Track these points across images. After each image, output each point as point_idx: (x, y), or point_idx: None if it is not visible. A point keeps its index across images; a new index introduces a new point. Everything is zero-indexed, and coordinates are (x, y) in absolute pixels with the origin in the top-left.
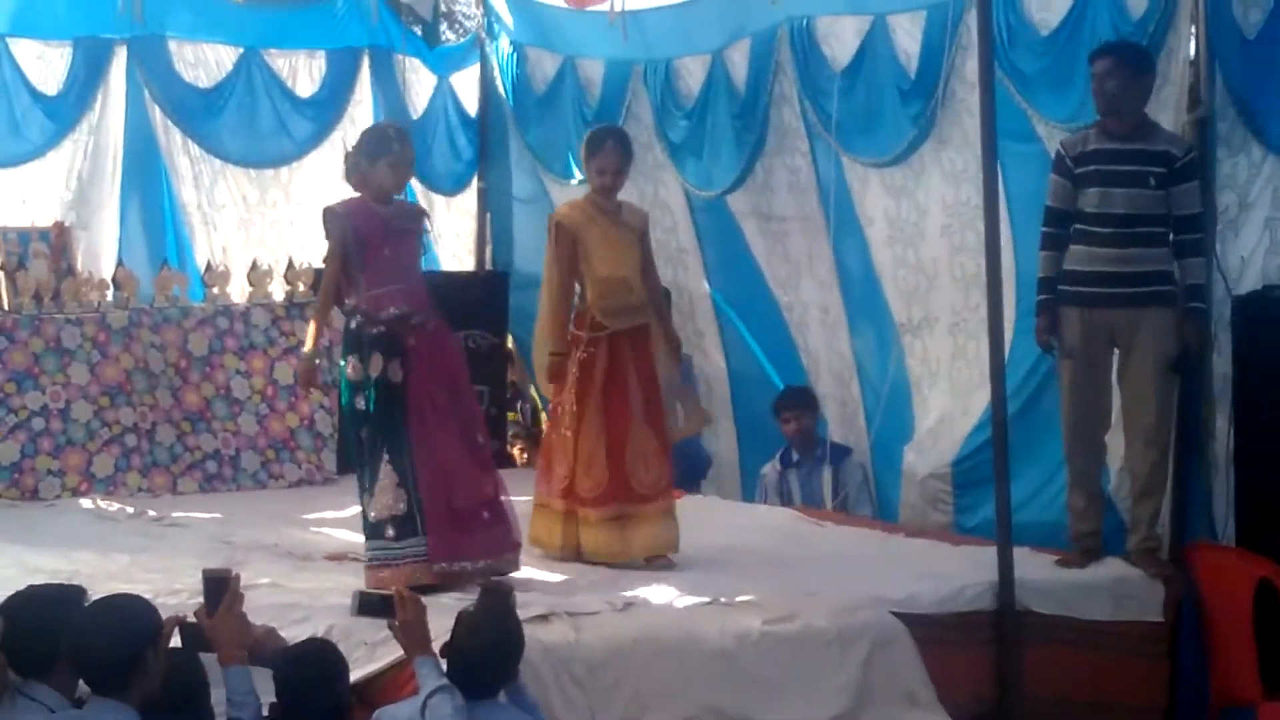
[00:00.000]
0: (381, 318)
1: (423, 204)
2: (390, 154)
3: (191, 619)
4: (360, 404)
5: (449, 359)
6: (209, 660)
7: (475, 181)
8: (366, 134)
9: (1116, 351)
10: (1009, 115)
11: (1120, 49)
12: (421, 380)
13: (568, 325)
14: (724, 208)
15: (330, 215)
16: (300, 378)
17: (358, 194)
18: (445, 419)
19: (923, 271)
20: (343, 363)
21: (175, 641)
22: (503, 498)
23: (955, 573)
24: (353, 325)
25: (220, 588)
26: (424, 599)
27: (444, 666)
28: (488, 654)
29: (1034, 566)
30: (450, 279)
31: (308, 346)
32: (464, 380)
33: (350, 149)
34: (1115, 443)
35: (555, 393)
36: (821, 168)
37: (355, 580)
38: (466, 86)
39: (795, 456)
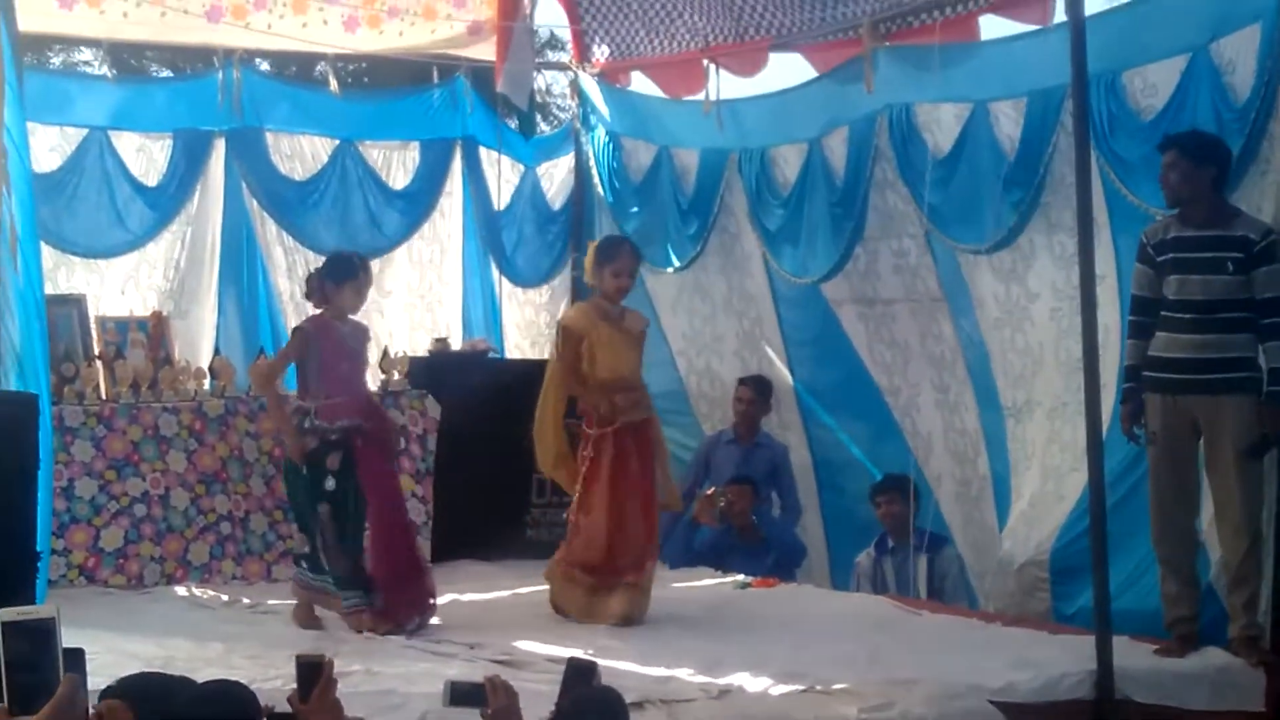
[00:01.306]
0: (335, 428)
1: (502, 294)
2: (355, 280)
3: (283, 709)
4: (295, 478)
5: (384, 453)
6: None
7: (569, 270)
8: (334, 259)
9: (1202, 440)
10: (1120, 201)
11: (1181, 140)
12: (367, 469)
13: (562, 423)
14: (818, 295)
15: (299, 332)
16: (294, 453)
17: (318, 310)
18: (384, 503)
19: (1030, 355)
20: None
21: None
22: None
23: (1053, 661)
24: (306, 425)
25: (313, 673)
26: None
27: None
28: None
29: (1133, 655)
30: (541, 367)
31: (287, 428)
32: (393, 474)
33: (313, 271)
34: (1216, 533)
35: (569, 481)
36: (937, 249)
37: (449, 668)
38: (551, 177)
39: (890, 544)
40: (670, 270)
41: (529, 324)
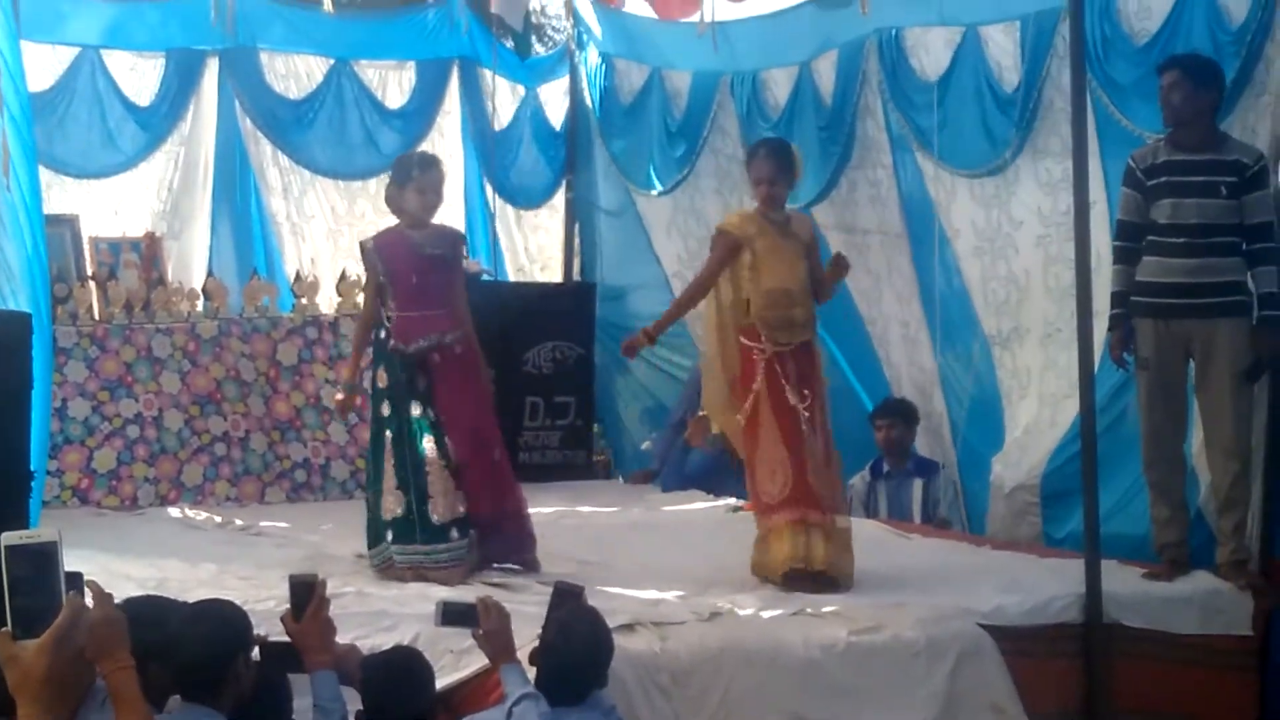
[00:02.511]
0: (410, 350)
1: (500, 214)
2: (411, 180)
3: (274, 639)
4: (384, 411)
5: (472, 379)
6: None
7: (562, 193)
8: (397, 161)
9: (1192, 363)
10: (1112, 125)
11: (1184, 61)
12: (446, 394)
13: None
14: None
15: (363, 250)
16: (336, 406)
17: (396, 220)
18: (466, 433)
19: (1014, 283)
20: (373, 370)
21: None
22: (521, 509)
23: (1043, 585)
24: (382, 337)
25: (306, 592)
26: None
27: (529, 674)
28: (579, 659)
29: (1122, 579)
30: (537, 290)
31: (346, 376)
32: (485, 400)
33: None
34: (1205, 455)
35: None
36: (903, 180)
37: (441, 590)
38: (552, 99)
39: (885, 468)
40: (654, 193)
41: (540, 248)
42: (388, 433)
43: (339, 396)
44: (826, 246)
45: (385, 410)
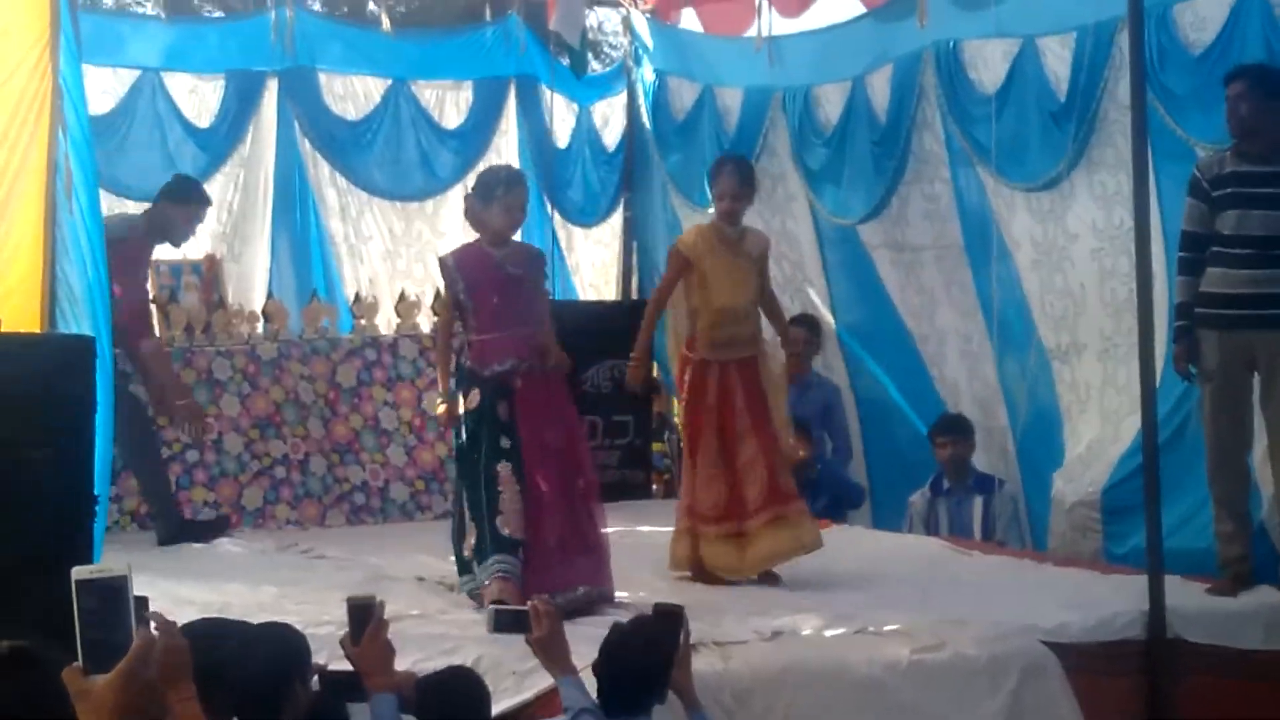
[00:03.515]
0: (486, 375)
1: (561, 234)
2: (497, 198)
3: (333, 668)
4: (460, 434)
5: (557, 401)
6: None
7: (621, 210)
8: (481, 176)
9: (1257, 375)
10: (1164, 137)
11: (1252, 72)
12: (528, 419)
13: (650, 341)
14: (855, 239)
15: (442, 266)
16: (442, 419)
17: (476, 235)
18: (549, 458)
19: (1070, 296)
20: (460, 392)
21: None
22: (601, 534)
23: (1105, 601)
24: (462, 361)
25: (365, 615)
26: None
27: (588, 687)
28: (636, 663)
29: (1185, 595)
30: (593, 309)
31: (441, 388)
32: (571, 420)
33: (467, 193)
34: (1269, 469)
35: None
36: (964, 194)
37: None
38: (609, 116)
39: (946, 485)
40: (710, 211)
41: (603, 264)
42: (468, 465)
43: (441, 408)
44: (873, 264)
45: (464, 437)
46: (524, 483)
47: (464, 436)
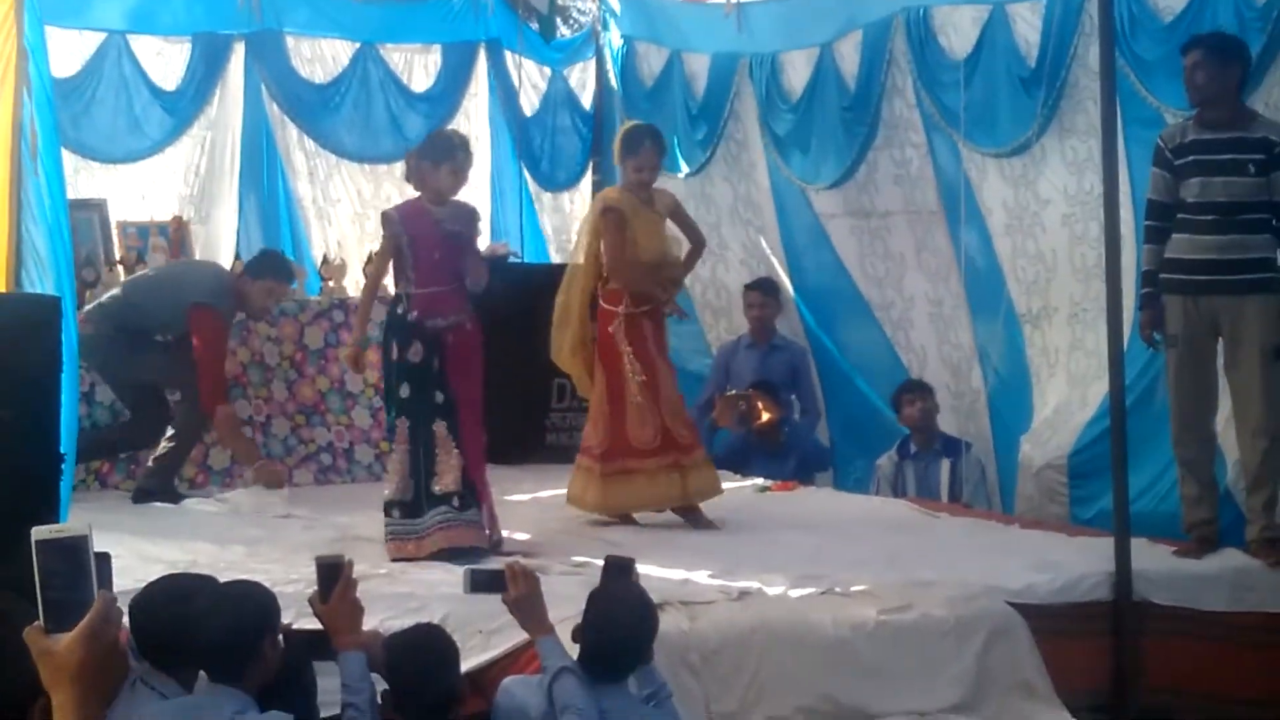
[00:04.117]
0: (429, 326)
1: (535, 195)
2: (453, 160)
3: (298, 626)
4: (404, 393)
5: (477, 357)
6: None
7: (590, 175)
8: (432, 138)
9: (1221, 341)
10: (1135, 103)
11: (1207, 40)
12: (456, 373)
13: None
14: (810, 207)
15: (386, 219)
16: (349, 363)
17: (417, 194)
18: (469, 412)
19: (1042, 261)
20: (386, 344)
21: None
22: (488, 490)
23: (1072, 563)
24: (399, 311)
25: (334, 574)
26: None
27: (570, 649)
28: (622, 637)
29: (1151, 557)
30: (562, 271)
31: (355, 335)
32: (480, 377)
33: (411, 151)
34: (1233, 433)
35: (584, 371)
36: (939, 158)
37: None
38: (582, 81)
39: (913, 448)
40: (680, 175)
41: (558, 229)
42: (405, 419)
43: (348, 353)
44: (826, 234)
45: (405, 392)
46: (458, 438)
47: (402, 387)
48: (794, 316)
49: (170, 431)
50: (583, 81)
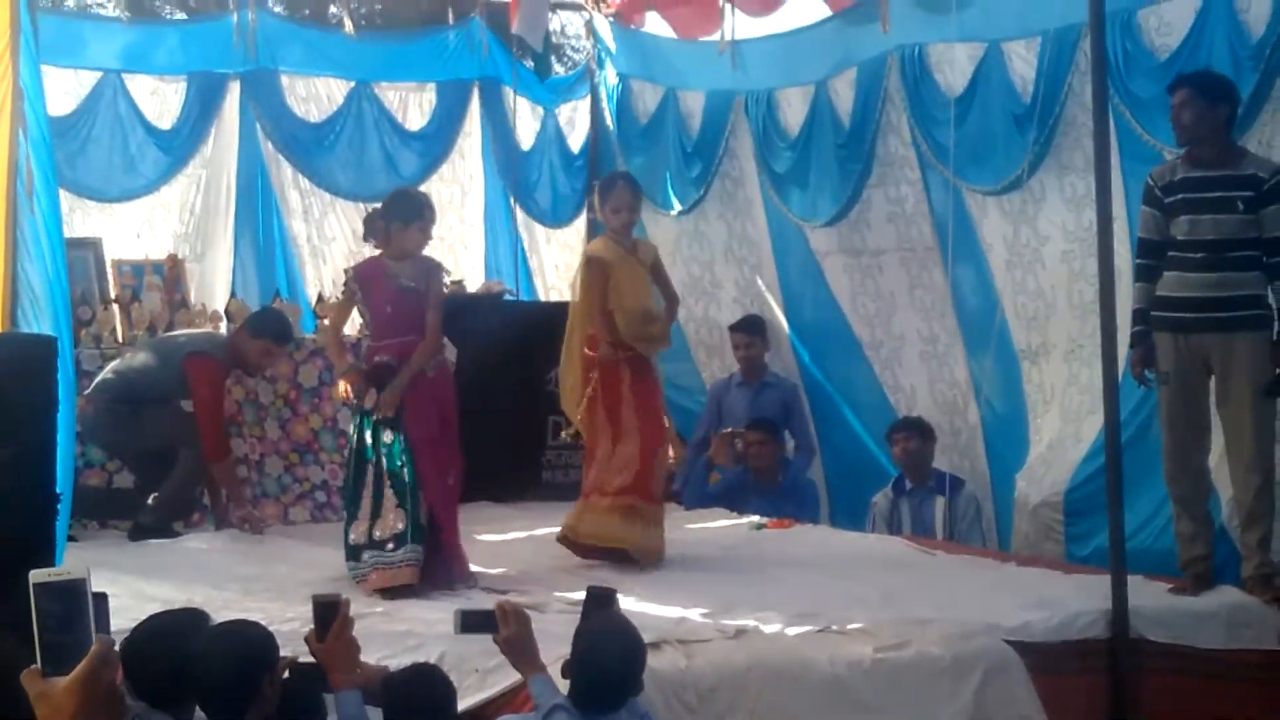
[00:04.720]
0: (368, 364)
1: (525, 235)
2: (422, 219)
3: (304, 660)
4: (357, 431)
5: (440, 398)
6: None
7: (585, 213)
8: (399, 198)
9: (1213, 378)
10: (1132, 141)
11: (1193, 80)
12: (410, 419)
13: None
14: (806, 245)
15: (345, 277)
16: (350, 388)
17: (377, 252)
18: (429, 451)
19: (1042, 298)
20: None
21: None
22: (456, 538)
23: (1069, 601)
24: (361, 366)
25: (330, 612)
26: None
27: (561, 686)
28: (612, 670)
29: (1147, 594)
30: (558, 309)
31: (340, 364)
32: (451, 426)
33: (373, 211)
34: (1226, 470)
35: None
36: (934, 195)
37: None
38: (572, 119)
39: (908, 485)
40: (672, 213)
41: (568, 266)
42: (367, 461)
43: (342, 381)
44: (821, 271)
45: (358, 435)
46: (412, 479)
47: (360, 432)
48: (788, 354)
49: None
50: (571, 119)
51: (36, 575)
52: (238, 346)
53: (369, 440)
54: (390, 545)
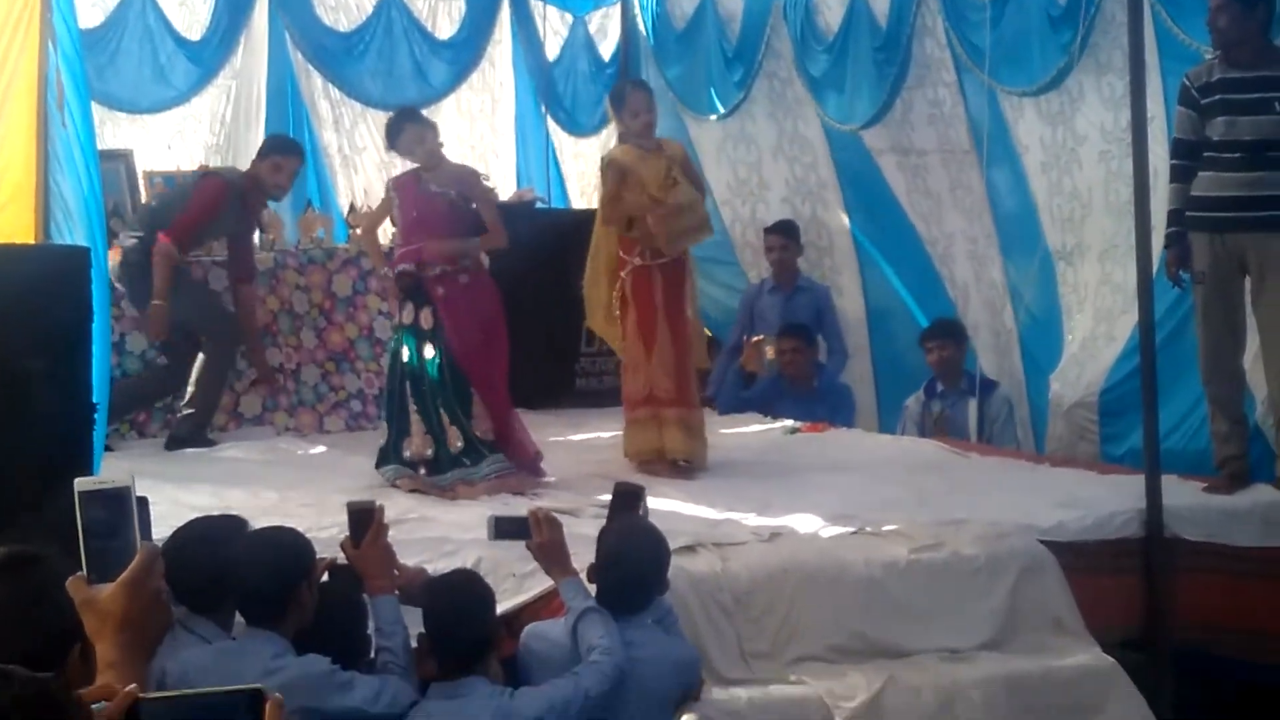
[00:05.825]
0: (404, 277)
1: (555, 144)
2: (403, 132)
3: (342, 560)
4: (395, 347)
5: (480, 309)
6: None
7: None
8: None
9: (1248, 278)
10: (1170, 41)
11: None
12: (453, 328)
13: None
14: (860, 144)
15: (387, 186)
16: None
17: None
18: (473, 357)
19: (1078, 198)
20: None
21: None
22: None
23: (1103, 500)
24: (390, 274)
25: (365, 519)
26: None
27: (589, 588)
28: (637, 572)
29: (1181, 493)
30: (591, 215)
31: (377, 260)
32: (496, 328)
33: (390, 118)
34: (1261, 370)
35: (619, 336)
36: (970, 98)
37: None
38: (603, 27)
39: (939, 388)
40: (714, 117)
41: (580, 175)
42: (406, 381)
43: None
44: (879, 169)
45: (403, 354)
46: (460, 393)
47: (400, 349)
48: (845, 253)
49: (195, 377)
50: (603, 28)
51: (82, 483)
52: (252, 176)
53: (406, 357)
54: (467, 461)
